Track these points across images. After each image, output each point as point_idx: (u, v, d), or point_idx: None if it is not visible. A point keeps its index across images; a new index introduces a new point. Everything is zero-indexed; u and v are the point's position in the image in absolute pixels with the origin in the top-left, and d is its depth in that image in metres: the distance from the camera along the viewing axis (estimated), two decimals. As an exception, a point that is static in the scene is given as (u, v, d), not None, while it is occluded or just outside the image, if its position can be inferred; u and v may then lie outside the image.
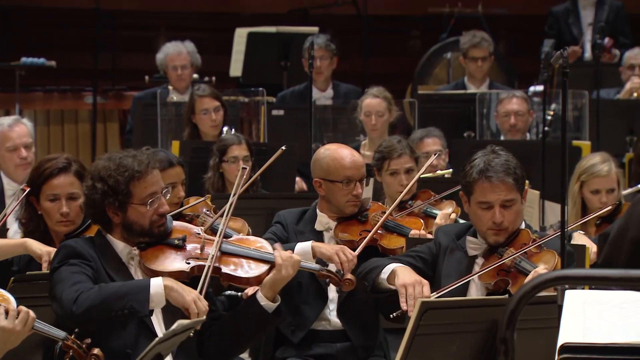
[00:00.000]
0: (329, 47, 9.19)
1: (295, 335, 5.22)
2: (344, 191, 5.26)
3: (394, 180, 6.05)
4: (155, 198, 4.39)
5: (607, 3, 10.38)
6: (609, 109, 8.49)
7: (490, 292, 4.57)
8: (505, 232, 4.61)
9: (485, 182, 4.57)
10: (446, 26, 11.35)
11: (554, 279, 2.79)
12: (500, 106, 8.22)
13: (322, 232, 5.32)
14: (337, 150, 5.34)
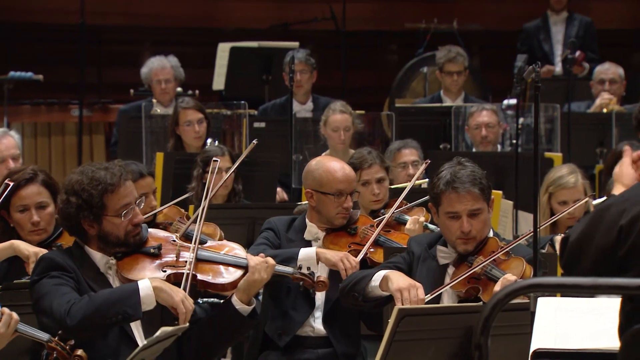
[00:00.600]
0: (309, 61, 9.19)
1: (281, 339, 5.22)
2: (334, 203, 5.26)
3: (367, 190, 6.01)
4: (130, 209, 4.36)
5: (577, 19, 10.43)
6: (579, 121, 8.52)
7: (461, 299, 4.58)
8: (473, 240, 4.61)
9: (452, 193, 4.58)
10: (422, 41, 11.36)
11: (527, 286, 2.79)
12: (471, 119, 8.22)
13: (310, 241, 5.31)
14: (330, 163, 5.35)
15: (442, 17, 11.53)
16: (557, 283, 2.90)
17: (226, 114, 8.97)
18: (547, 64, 10.23)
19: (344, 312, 5.12)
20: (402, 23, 11.83)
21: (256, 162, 7.61)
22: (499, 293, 2.71)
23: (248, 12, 12.09)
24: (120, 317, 4.18)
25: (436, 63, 9.46)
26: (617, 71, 9.10)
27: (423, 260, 4.70)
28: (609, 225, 3.12)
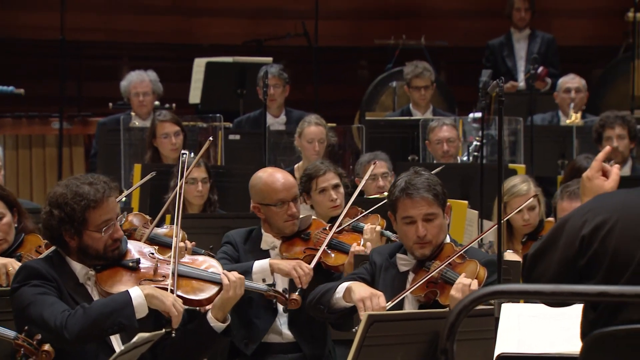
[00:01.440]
0: (282, 76, 9.18)
1: (248, 348, 5.20)
2: (279, 213, 5.26)
3: (324, 197, 6.02)
4: (110, 225, 4.34)
5: (539, 36, 10.48)
6: (542, 134, 8.55)
7: (422, 304, 4.60)
8: (429, 245, 4.63)
9: (406, 199, 4.61)
10: (391, 57, 11.38)
11: (491, 293, 2.79)
12: (432, 134, 8.21)
13: (267, 250, 5.31)
14: (269, 175, 5.35)
15: (410, 33, 11.55)
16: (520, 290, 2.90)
17: (202, 127, 8.95)
18: (510, 79, 10.27)
19: (308, 316, 5.10)
20: (371, 39, 11.86)
21: (231, 173, 7.60)
22: (465, 300, 2.71)
23: (223, 29, 12.09)
24: (117, 328, 4.16)
25: (404, 78, 9.47)
26: (581, 81, 9.14)
27: (385, 270, 4.71)
28: (571, 236, 3.12)
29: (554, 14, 11.79)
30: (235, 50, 11.04)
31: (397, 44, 11.49)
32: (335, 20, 12.02)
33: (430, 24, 12.01)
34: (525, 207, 5.81)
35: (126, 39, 11.96)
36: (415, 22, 12.06)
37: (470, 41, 11.73)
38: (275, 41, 11.59)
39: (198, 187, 6.69)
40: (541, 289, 2.82)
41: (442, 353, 2.67)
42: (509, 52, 10.47)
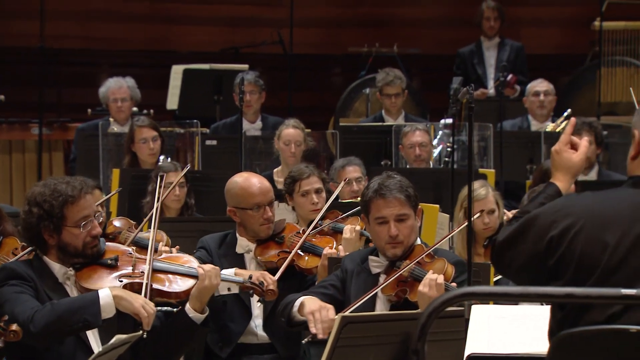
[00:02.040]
0: (258, 82, 9.18)
1: (223, 351, 5.19)
2: (255, 217, 5.26)
3: (306, 200, 6.05)
4: (88, 221, 4.36)
5: (508, 45, 10.52)
6: (511, 140, 8.57)
7: (393, 304, 4.62)
8: (401, 245, 4.65)
9: (379, 199, 4.64)
10: (365, 64, 11.39)
11: (461, 295, 2.80)
12: (405, 139, 8.24)
13: (243, 254, 5.31)
14: (245, 180, 5.36)
15: (384, 41, 11.57)
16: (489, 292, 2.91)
17: (179, 132, 8.93)
18: (480, 86, 10.30)
19: None
20: (345, 47, 11.87)
21: (208, 177, 7.59)
22: (435, 301, 2.72)
23: (200, 37, 12.08)
24: (81, 325, 4.15)
25: (376, 85, 9.49)
26: (549, 85, 9.17)
27: (357, 275, 4.72)
28: (540, 234, 3.11)
29: (522, 23, 11.84)
30: (212, 57, 11.02)
31: (371, 52, 11.51)
32: (309, 28, 12.02)
33: (402, 33, 12.03)
34: (485, 211, 5.83)
35: (105, 46, 11.93)
36: (388, 30, 12.08)
37: (442, 49, 11.76)
38: (251, 49, 11.60)
39: (175, 191, 6.69)
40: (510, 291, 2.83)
41: (414, 353, 2.67)
42: (479, 60, 10.50)
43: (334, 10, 12.38)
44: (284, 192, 6.22)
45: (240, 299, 5.14)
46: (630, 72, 10.37)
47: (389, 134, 8.81)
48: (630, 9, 10.74)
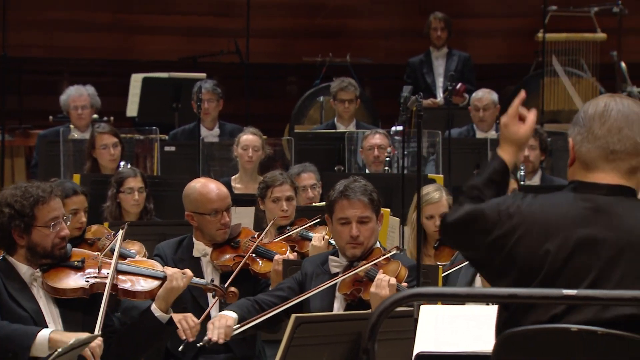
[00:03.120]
0: (215, 90, 9.15)
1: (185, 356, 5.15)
2: (213, 222, 5.23)
3: (276, 207, 6.05)
4: (58, 222, 4.37)
5: (456, 55, 10.57)
6: (459, 146, 8.61)
7: (349, 302, 4.63)
8: (361, 246, 4.67)
9: (344, 200, 4.66)
10: (319, 73, 11.40)
11: (410, 295, 2.80)
12: (365, 141, 8.28)
13: (199, 258, 5.28)
14: (203, 185, 5.32)
15: (337, 51, 11.60)
16: (437, 292, 2.91)
17: (139, 139, 8.89)
18: (430, 94, 10.35)
19: None
20: (300, 57, 11.87)
21: (167, 182, 7.57)
22: (385, 302, 2.71)
23: (159, 46, 12.03)
24: (10, 355, 4.17)
25: (330, 92, 9.51)
26: (490, 97, 9.21)
27: (316, 276, 4.74)
28: (486, 229, 3.07)
29: (469, 34, 11.91)
30: (171, 66, 10.99)
31: (324, 62, 11.52)
32: (265, 38, 12.01)
33: (355, 43, 12.06)
34: (437, 214, 5.84)
35: (67, 55, 11.84)
36: (341, 41, 12.10)
37: (392, 59, 11.80)
38: (209, 58, 11.56)
39: (134, 196, 6.67)
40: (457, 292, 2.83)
41: (364, 353, 2.66)
42: (428, 70, 10.54)
43: (289, 21, 12.38)
44: (257, 195, 6.22)
45: (199, 304, 5.13)
46: (572, 82, 10.46)
47: (342, 140, 8.83)
48: (572, 21, 10.83)
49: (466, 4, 12.19)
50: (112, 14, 12.14)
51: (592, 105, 3.10)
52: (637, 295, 2.68)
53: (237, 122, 9.58)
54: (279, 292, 4.77)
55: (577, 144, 3.09)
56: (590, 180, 3.03)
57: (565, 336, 2.79)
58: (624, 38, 10.51)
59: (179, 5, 12.15)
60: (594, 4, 10.64)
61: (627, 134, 3.01)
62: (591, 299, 2.76)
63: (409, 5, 12.29)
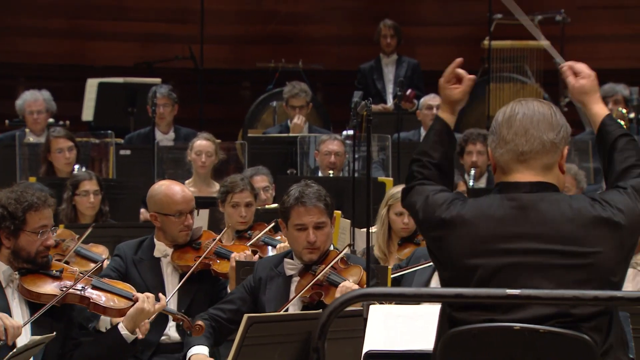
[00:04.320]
0: (170, 95, 9.13)
1: (144, 354, 5.13)
2: (176, 223, 5.21)
3: (235, 212, 6.08)
4: (46, 230, 4.42)
5: (405, 61, 10.62)
6: (408, 149, 8.64)
7: (306, 304, 4.62)
8: (317, 251, 4.67)
9: (300, 207, 4.64)
10: (272, 79, 11.38)
11: (359, 295, 2.80)
12: (322, 146, 8.27)
13: (159, 258, 5.26)
14: (169, 187, 5.30)
15: (289, 57, 11.59)
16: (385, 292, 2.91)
17: (94, 142, 8.85)
18: (380, 99, 10.38)
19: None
20: (253, 62, 11.85)
21: (122, 185, 7.55)
22: (335, 302, 2.71)
23: (115, 52, 11.96)
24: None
25: (283, 97, 9.52)
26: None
27: (270, 280, 4.73)
28: (428, 212, 3.13)
29: (418, 42, 11.96)
30: (126, 71, 10.94)
31: (277, 67, 11.51)
32: (219, 44, 11.99)
33: (307, 49, 12.06)
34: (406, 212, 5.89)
35: (22, 60, 11.74)
36: (294, 47, 12.10)
37: (344, 65, 11.82)
38: (164, 63, 11.51)
39: (90, 198, 6.65)
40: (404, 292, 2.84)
41: (314, 351, 2.66)
42: (379, 76, 10.58)
43: (242, 27, 12.36)
44: (217, 198, 6.23)
45: None
46: (517, 88, 10.55)
47: (294, 144, 8.83)
48: (516, 29, 10.86)
49: (415, 13, 12.25)
50: (67, 20, 12.05)
51: (501, 112, 3.18)
52: (577, 295, 2.70)
53: (192, 127, 9.55)
54: (231, 306, 4.76)
55: (492, 150, 3.16)
56: (512, 181, 3.07)
57: (508, 334, 2.81)
58: (566, 45, 10.62)
59: (134, 11, 12.09)
60: (538, 13, 10.74)
61: (533, 134, 3.07)
62: (534, 298, 2.78)
63: (360, 13, 12.32)
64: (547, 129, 3.08)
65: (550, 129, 3.08)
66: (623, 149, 3.13)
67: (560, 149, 3.08)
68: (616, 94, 9.11)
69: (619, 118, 8.99)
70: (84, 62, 11.87)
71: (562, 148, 3.09)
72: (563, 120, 3.11)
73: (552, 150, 3.07)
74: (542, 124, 3.08)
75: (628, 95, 9.16)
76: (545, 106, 3.12)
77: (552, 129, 3.08)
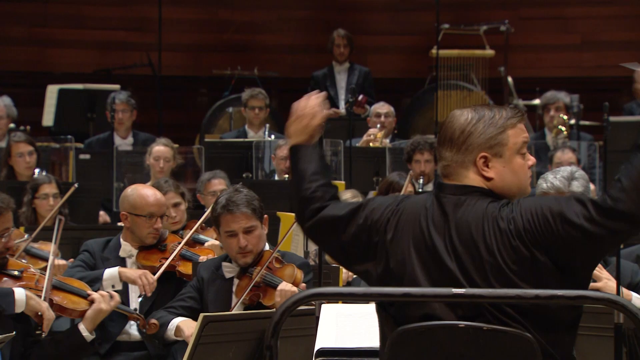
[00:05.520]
0: (129, 101, 9.09)
1: (102, 347, 5.09)
2: (146, 225, 5.19)
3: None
4: (7, 233, 4.43)
5: (357, 69, 10.65)
6: (359, 154, 8.67)
7: (247, 306, 4.64)
8: (250, 254, 4.68)
9: (227, 215, 4.65)
10: (228, 86, 11.38)
11: (311, 295, 2.80)
12: (279, 150, 8.25)
13: (125, 258, 5.23)
14: (143, 189, 5.31)
15: (245, 65, 11.58)
16: (336, 292, 2.92)
17: (55, 147, 8.79)
18: (333, 106, 10.39)
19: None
20: (210, 70, 11.83)
21: (82, 188, 7.49)
22: (288, 301, 2.71)
23: (75, 59, 11.87)
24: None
25: (242, 101, 9.52)
26: (390, 108, 9.31)
27: (212, 282, 4.74)
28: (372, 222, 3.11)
29: (369, 51, 12.00)
30: (85, 78, 10.87)
31: (233, 74, 11.50)
32: (177, 52, 11.94)
33: (262, 57, 12.06)
34: None
35: (-17, 67, 11.62)
36: (249, 55, 12.09)
37: (297, 72, 11.82)
38: (122, 70, 11.45)
39: (49, 201, 6.62)
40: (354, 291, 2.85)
41: (267, 349, 2.66)
42: (331, 83, 10.59)
43: (199, 36, 12.33)
44: None
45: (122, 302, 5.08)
46: (463, 95, 10.63)
47: (250, 148, 8.82)
48: (463, 38, 11.01)
49: (366, 22, 12.29)
50: (28, 28, 11.94)
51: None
52: (520, 294, 2.73)
53: (150, 132, 9.51)
54: (183, 304, 4.76)
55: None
56: (445, 182, 3.06)
57: (453, 332, 2.82)
58: (510, 54, 10.72)
59: (94, 20, 12.01)
60: (483, 23, 10.83)
61: (441, 152, 3.06)
62: (479, 297, 2.80)
63: (313, 22, 12.35)
64: (449, 145, 3.02)
65: (451, 144, 3.02)
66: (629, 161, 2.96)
67: (469, 160, 3.00)
68: (558, 101, 9.21)
69: (560, 124, 9.09)
70: (44, 69, 11.76)
71: (473, 158, 3.00)
72: (475, 129, 3.01)
73: (458, 164, 3.01)
74: (447, 140, 3.03)
75: (569, 102, 9.25)
76: (463, 117, 3.03)
77: (453, 145, 3.01)
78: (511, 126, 3.04)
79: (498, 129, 3.02)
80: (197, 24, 12.35)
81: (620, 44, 11.58)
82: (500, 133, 3.02)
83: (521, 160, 3.05)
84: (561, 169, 4.51)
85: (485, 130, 3.01)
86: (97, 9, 12.02)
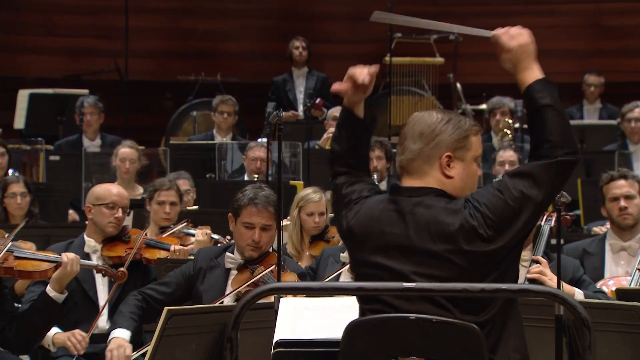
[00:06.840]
0: (97, 105, 9.06)
1: None
2: (107, 214, 5.17)
3: (160, 209, 6.14)
4: None
5: (315, 75, 10.65)
6: (317, 155, 8.67)
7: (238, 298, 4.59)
8: (259, 249, 4.68)
9: (252, 207, 4.64)
10: (192, 90, 11.36)
11: (270, 289, 2.79)
12: (250, 152, 8.20)
13: (89, 254, 5.18)
14: (108, 184, 5.43)
15: (208, 71, 11.56)
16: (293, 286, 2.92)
17: (26, 149, 8.73)
18: (292, 109, 10.39)
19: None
20: (175, 75, 11.80)
21: (52, 188, 7.48)
22: (247, 295, 2.70)
23: (45, 65, 11.79)
24: None
25: (212, 106, 9.51)
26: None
27: (210, 270, 4.71)
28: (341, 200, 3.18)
29: (327, 58, 12.01)
30: (55, 83, 10.79)
31: (197, 80, 11.48)
32: (143, 58, 11.90)
33: (224, 64, 12.04)
34: (317, 213, 5.90)
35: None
36: (212, 61, 12.07)
37: (258, 78, 11.81)
38: (91, 76, 11.38)
39: (17, 200, 6.59)
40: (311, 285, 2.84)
41: (228, 341, 2.64)
42: (291, 87, 10.59)
43: (164, 43, 12.30)
44: (145, 197, 6.28)
45: (91, 300, 5.06)
46: (415, 100, 10.67)
47: (213, 150, 8.80)
48: (415, 47, 11.05)
49: (323, 31, 12.31)
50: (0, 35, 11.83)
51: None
52: (467, 287, 2.73)
53: (118, 134, 9.47)
54: (165, 289, 4.70)
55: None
56: (402, 184, 3.07)
57: (405, 324, 2.82)
58: (459, 62, 10.77)
59: (63, 28, 11.93)
60: (434, 33, 10.87)
61: (407, 145, 3.06)
62: (427, 290, 2.80)
63: (273, 31, 12.35)
64: (419, 138, 3.04)
65: (421, 138, 3.03)
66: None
67: (435, 156, 3.03)
68: (503, 106, 9.28)
69: (505, 128, 9.16)
70: (15, 74, 11.66)
71: (440, 155, 3.02)
72: (446, 129, 3.03)
73: (424, 158, 3.03)
74: (417, 134, 3.05)
75: (514, 107, 9.32)
76: (433, 116, 3.07)
77: (422, 139, 3.03)
78: (474, 133, 3.08)
79: (464, 132, 3.05)
80: (163, 32, 12.30)
81: (561, 52, 11.71)
82: (466, 138, 3.05)
83: (476, 168, 3.08)
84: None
85: (454, 131, 3.04)
86: (67, 18, 11.95)
